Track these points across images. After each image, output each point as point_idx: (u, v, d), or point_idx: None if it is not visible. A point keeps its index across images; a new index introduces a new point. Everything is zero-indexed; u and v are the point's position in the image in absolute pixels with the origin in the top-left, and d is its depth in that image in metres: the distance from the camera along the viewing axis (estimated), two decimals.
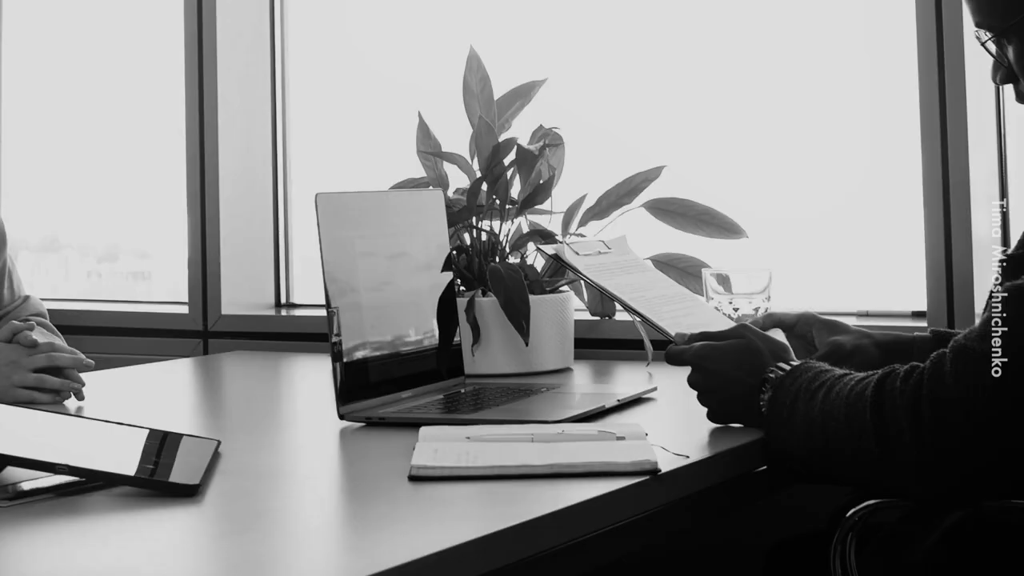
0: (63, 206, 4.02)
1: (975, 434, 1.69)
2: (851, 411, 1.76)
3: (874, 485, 1.82)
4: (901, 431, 1.72)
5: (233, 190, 3.49)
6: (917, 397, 1.71)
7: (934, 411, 1.70)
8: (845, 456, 1.78)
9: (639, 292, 2.32)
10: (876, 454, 1.74)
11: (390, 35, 3.52)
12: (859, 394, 1.77)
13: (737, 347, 1.96)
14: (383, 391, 2.18)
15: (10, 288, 2.71)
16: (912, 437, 1.71)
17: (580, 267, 2.33)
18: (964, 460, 1.71)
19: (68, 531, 1.47)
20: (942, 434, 1.70)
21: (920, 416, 1.71)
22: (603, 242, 2.47)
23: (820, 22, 3.06)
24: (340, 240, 2.14)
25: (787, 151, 3.09)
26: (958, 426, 1.69)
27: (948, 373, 1.70)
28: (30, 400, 2.32)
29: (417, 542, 1.38)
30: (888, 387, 1.74)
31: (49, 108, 3.95)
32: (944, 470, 1.71)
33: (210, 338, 3.45)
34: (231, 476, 1.72)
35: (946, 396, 1.70)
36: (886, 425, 1.73)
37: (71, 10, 3.91)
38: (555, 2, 3.32)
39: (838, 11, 3.05)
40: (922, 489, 1.75)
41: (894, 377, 1.75)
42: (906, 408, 1.72)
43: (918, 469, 1.72)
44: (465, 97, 2.79)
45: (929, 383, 1.71)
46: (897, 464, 1.73)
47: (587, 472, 1.67)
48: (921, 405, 1.71)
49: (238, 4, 3.51)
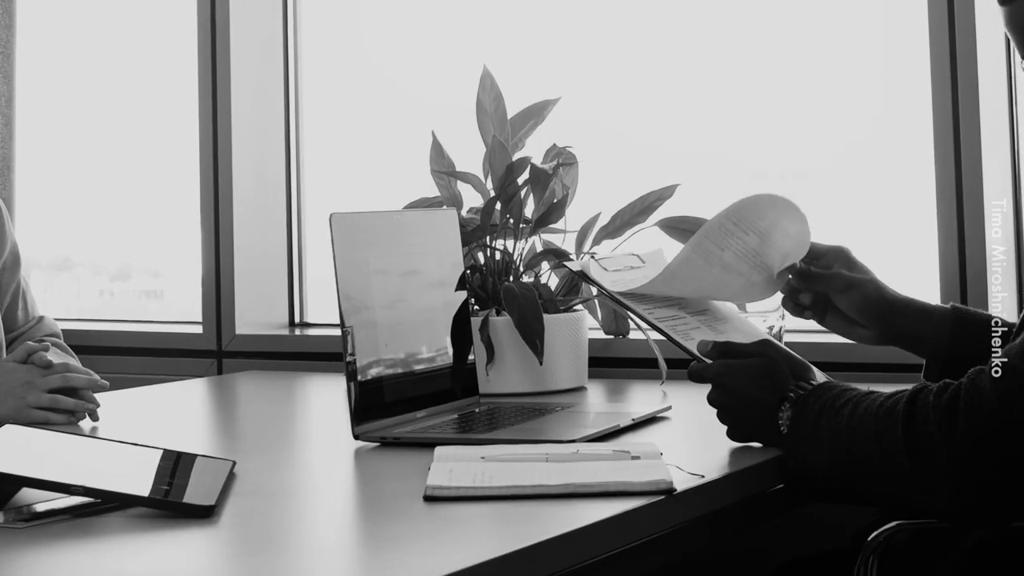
0: (76, 225, 4.03)
1: (1012, 452, 1.68)
2: (881, 425, 1.75)
3: (901, 500, 1.79)
4: (934, 446, 1.70)
5: (247, 209, 3.49)
6: (953, 411, 1.70)
7: (970, 426, 1.68)
8: (873, 471, 1.76)
9: (665, 306, 2.27)
10: (907, 469, 1.72)
11: (404, 54, 3.52)
12: (890, 409, 1.75)
13: (757, 365, 1.95)
14: (397, 411, 2.18)
15: (24, 309, 2.71)
16: (946, 452, 1.70)
17: (606, 284, 2.28)
18: (998, 479, 1.69)
19: (83, 552, 1.47)
20: (978, 451, 1.68)
21: (955, 431, 1.69)
22: (637, 256, 2.41)
23: (831, 30, 3.06)
24: (354, 260, 2.14)
25: (800, 165, 3.09)
26: (995, 444, 1.68)
27: (988, 389, 1.69)
28: (45, 421, 2.31)
29: (432, 563, 1.38)
30: (921, 402, 1.73)
31: (62, 127, 3.96)
32: (977, 488, 1.70)
33: (224, 358, 3.45)
34: (246, 497, 1.72)
35: (985, 412, 1.68)
36: (918, 439, 1.72)
37: (85, 29, 3.92)
38: (568, 21, 3.32)
39: (849, 17, 3.05)
40: (953, 507, 1.73)
41: (927, 392, 1.74)
42: (939, 422, 1.70)
43: (952, 484, 1.70)
44: (478, 116, 2.79)
45: (966, 398, 1.70)
46: (929, 480, 1.72)
47: (602, 492, 1.67)
48: (957, 420, 1.69)
49: (252, 21, 3.52)
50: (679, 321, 2.23)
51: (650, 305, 2.25)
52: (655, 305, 2.25)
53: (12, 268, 2.70)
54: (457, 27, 3.45)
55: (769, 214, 2.22)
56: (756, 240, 2.22)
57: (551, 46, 3.32)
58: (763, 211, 2.22)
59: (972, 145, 2.72)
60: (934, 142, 2.77)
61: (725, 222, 2.22)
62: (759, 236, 2.22)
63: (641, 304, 2.23)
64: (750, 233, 2.24)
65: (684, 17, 3.21)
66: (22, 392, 2.33)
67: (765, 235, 2.22)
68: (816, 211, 3.04)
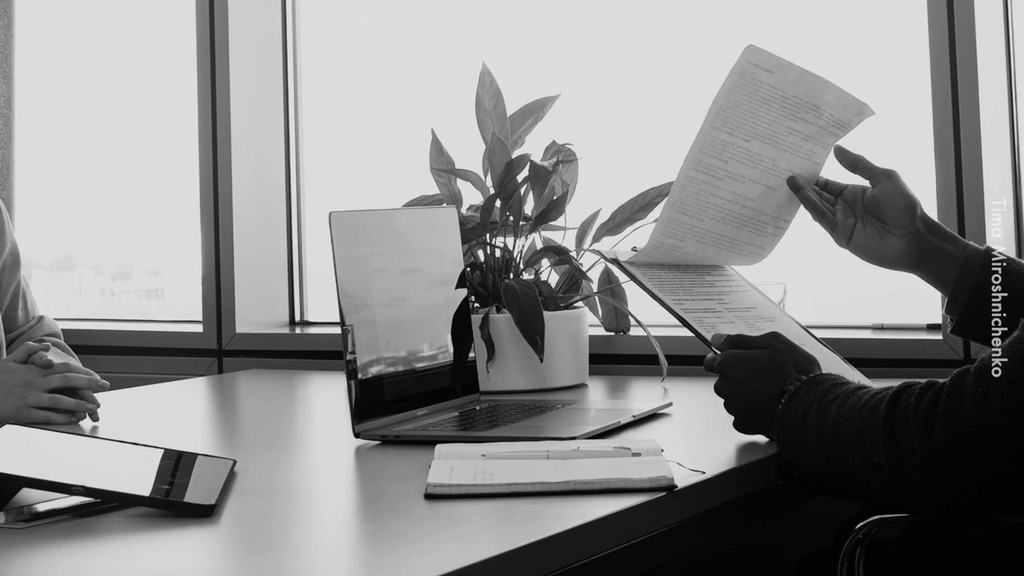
0: (76, 224, 4.03)
1: (988, 460, 1.67)
2: (864, 425, 1.75)
3: (883, 500, 1.80)
4: (912, 447, 1.70)
5: (247, 207, 3.49)
6: (932, 415, 1.70)
7: (948, 430, 1.68)
8: (855, 470, 1.77)
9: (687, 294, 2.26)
10: (886, 470, 1.73)
11: (403, 52, 3.52)
12: (873, 408, 1.75)
13: (762, 357, 1.96)
14: (398, 408, 2.18)
15: (24, 309, 2.71)
16: (922, 455, 1.70)
17: (638, 275, 2.26)
18: (973, 484, 1.69)
19: (84, 552, 1.47)
20: (953, 457, 1.68)
21: (932, 434, 1.69)
22: None
23: (832, 34, 3.06)
24: (354, 258, 2.14)
25: None
26: (970, 447, 1.67)
27: (968, 394, 1.69)
28: (45, 420, 2.32)
29: (434, 560, 1.37)
30: (903, 403, 1.73)
31: (62, 127, 3.96)
32: (952, 490, 1.70)
33: (224, 357, 3.45)
34: (247, 496, 1.72)
35: (962, 416, 1.68)
36: (897, 440, 1.72)
37: (84, 29, 3.92)
38: (567, 18, 3.32)
39: (849, 21, 3.04)
40: (931, 508, 1.73)
41: (909, 393, 1.73)
42: (919, 426, 1.70)
43: (927, 487, 1.70)
44: (478, 113, 2.79)
45: (947, 401, 1.70)
46: (907, 481, 1.71)
47: (603, 489, 1.67)
48: (935, 423, 1.69)
49: (251, 20, 3.52)
50: (711, 315, 2.23)
51: (684, 296, 2.24)
52: (692, 297, 2.25)
53: (12, 268, 2.70)
54: (456, 25, 3.45)
55: (761, 113, 2.20)
56: (758, 144, 2.20)
57: (550, 43, 3.32)
58: (754, 110, 2.20)
59: (972, 145, 2.72)
60: (934, 141, 2.77)
61: (717, 134, 2.21)
62: (760, 140, 2.21)
63: (672, 295, 2.22)
64: (751, 139, 2.22)
65: (683, 13, 3.21)
66: (22, 392, 2.33)
67: (767, 138, 2.20)
68: None
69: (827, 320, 2.97)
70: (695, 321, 2.18)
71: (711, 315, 2.22)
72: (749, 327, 2.21)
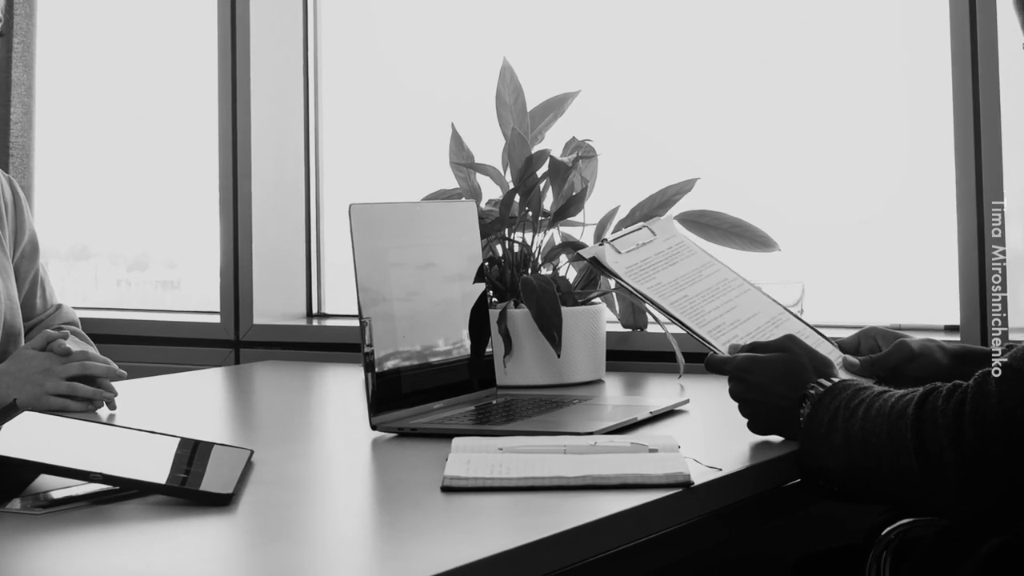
0: (93, 214, 4.04)
1: (1017, 451, 1.67)
2: (893, 428, 1.75)
3: (914, 504, 1.80)
4: (942, 449, 1.70)
5: (265, 199, 3.50)
6: (959, 415, 1.70)
7: (976, 430, 1.68)
8: (885, 473, 1.76)
9: (681, 291, 2.26)
10: (917, 472, 1.72)
11: (423, 46, 3.52)
12: (901, 411, 1.75)
13: (780, 360, 1.95)
14: (415, 402, 2.18)
15: (43, 297, 2.72)
16: (953, 456, 1.69)
17: (621, 273, 2.26)
18: (1005, 480, 1.69)
19: (101, 539, 1.47)
20: (984, 454, 1.68)
21: (962, 435, 1.69)
22: (648, 228, 2.37)
23: (855, 33, 3.05)
24: (373, 251, 2.14)
25: (820, 162, 3.09)
26: (1000, 446, 1.67)
27: (993, 392, 1.69)
28: (63, 408, 2.32)
29: (449, 553, 1.37)
30: (930, 405, 1.73)
31: (81, 117, 3.97)
32: (985, 490, 1.70)
33: (242, 347, 3.45)
34: (264, 485, 1.72)
35: (990, 415, 1.68)
36: (927, 443, 1.72)
37: (105, 20, 3.93)
38: (588, 14, 3.32)
39: (873, 21, 3.04)
40: (963, 509, 1.73)
41: (936, 395, 1.73)
42: (948, 427, 1.70)
43: (959, 488, 1.70)
44: (498, 108, 2.79)
45: (972, 402, 1.70)
46: (938, 483, 1.71)
47: (620, 484, 1.67)
48: (964, 424, 1.69)
49: (271, 13, 3.52)
50: (699, 300, 2.23)
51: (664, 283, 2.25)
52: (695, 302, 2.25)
53: (31, 256, 2.71)
54: (477, 20, 3.45)
55: None
56: None
57: (571, 39, 3.32)
58: None
59: (993, 158, 2.71)
60: (954, 151, 2.75)
61: None
62: None
63: (657, 286, 2.23)
64: None
65: (704, 11, 3.21)
66: (40, 379, 2.33)
67: None
68: (828, 209, 3.06)
69: (844, 320, 2.96)
70: (691, 318, 2.18)
71: (693, 303, 2.22)
72: (717, 315, 2.22)
